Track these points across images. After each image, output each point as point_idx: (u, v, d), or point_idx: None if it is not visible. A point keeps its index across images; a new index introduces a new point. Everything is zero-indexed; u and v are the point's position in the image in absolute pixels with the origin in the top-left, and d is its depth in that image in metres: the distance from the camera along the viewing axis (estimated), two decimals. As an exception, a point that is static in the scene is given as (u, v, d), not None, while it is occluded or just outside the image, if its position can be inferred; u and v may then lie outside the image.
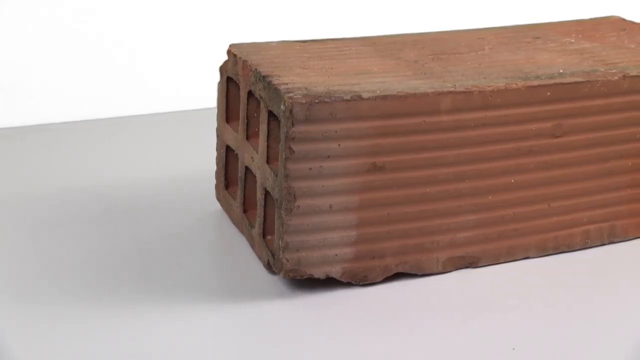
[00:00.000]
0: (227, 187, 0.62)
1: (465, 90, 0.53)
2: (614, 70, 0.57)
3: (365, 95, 0.51)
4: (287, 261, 0.52)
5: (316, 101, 0.51)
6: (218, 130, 0.62)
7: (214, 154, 0.62)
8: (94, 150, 0.73)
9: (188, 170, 0.68)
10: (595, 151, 0.57)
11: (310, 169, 0.51)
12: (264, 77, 0.54)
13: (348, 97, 0.51)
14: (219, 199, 0.63)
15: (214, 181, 0.63)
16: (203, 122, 0.72)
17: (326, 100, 0.51)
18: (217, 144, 0.62)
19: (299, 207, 0.52)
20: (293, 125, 0.50)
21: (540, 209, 0.57)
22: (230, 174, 0.61)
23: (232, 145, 0.60)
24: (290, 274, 0.53)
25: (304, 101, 0.50)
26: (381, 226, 0.54)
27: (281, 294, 0.54)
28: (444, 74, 0.56)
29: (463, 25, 0.71)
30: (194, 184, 0.66)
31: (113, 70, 0.83)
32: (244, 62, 0.57)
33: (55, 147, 0.73)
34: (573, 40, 0.64)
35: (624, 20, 0.69)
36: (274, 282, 0.55)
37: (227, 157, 0.61)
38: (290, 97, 0.50)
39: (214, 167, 0.62)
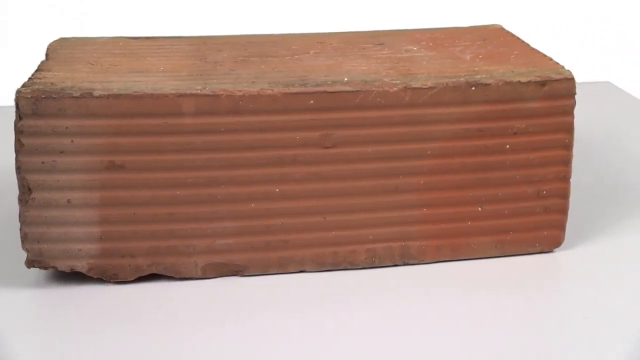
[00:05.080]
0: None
1: (211, 93, 0.52)
2: (397, 81, 0.54)
3: (96, 93, 0.52)
4: (29, 251, 0.53)
5: (43, 97, 0.51)
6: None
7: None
8: None
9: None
10: (375, 165, 0.55)
11: (43, 162, 0.52)
12: (34, 71, 0.55)
13: (77, 95, 0.51)
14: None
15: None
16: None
17: (54, 96, 0.51)
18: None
19: (34, 199, 0.53)
20: (21, 118, 0.51)
21: (314, 221, 0.55)
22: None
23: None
24: (35, 264, 0.54)
25: (29, 96, 0.51)
26: (128, 225, 0.54)
27: (36, 284, 0.55)
28: (222, 76, 0.55)
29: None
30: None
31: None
32: (47, 55, 0.59)
33: None
34: (415, 49, 0.61)
35: (501, 29, 0.65)
36: (34, 273, 0.56)
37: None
38: (19, 91, 0.51)
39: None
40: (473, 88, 0.54)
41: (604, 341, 0.50)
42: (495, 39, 0.62)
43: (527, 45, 0.61)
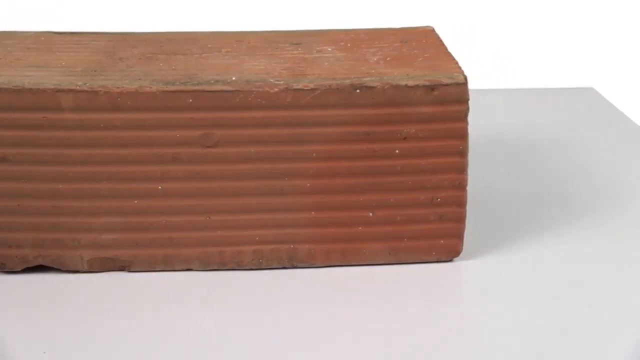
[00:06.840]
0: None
1: (89, 89, 0.53)
2: (280, 82, 0.53)
3: (-22, 87, 0.53)
4: None
5: None
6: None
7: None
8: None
9: None
10: (258, 166, 0.54)
11: None
12: (-61, 64, 0.57)
13: (-41, 88, 0.53)
14: None
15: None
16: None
17: (-64, 88, 0.53)
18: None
19: None
20: None
21: (198, 220, 0.55)
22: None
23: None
24: None
25: None
26: (13, 217, 0.55)
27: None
28: (114, 73, 0.55)
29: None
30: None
31: None
32: (-35, 49, 0.60)
33: None
34: (329, 49, 0.60)
35: (431, 32, 0.63)
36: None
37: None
38: None
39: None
40: (357, 91, 0.53)
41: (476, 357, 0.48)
42: (416, 42, 0.61)
43: (445, 49, 0.59)
